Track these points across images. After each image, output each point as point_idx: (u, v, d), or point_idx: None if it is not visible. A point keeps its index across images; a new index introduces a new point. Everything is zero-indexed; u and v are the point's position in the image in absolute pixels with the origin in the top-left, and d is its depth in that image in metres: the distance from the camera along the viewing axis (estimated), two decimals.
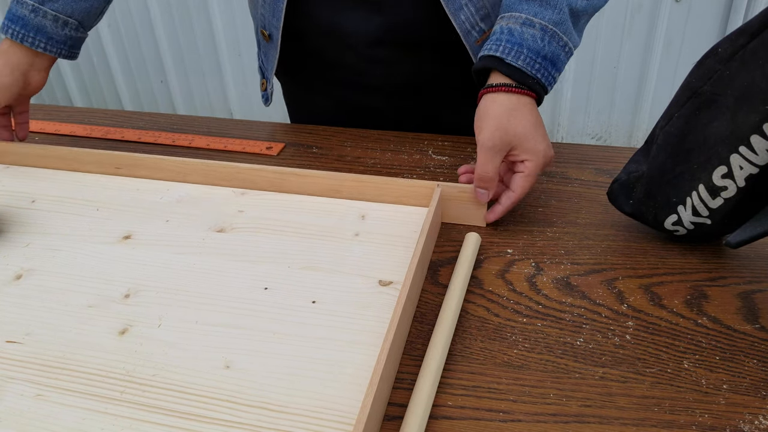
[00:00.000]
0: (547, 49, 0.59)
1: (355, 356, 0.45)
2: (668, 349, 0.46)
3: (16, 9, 0.71)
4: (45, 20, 0.71)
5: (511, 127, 0.57)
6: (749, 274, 0.53)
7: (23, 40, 0.71)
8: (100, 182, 0.68)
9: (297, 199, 0.64)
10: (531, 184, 0.59)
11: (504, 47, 0.58)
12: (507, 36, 0.59)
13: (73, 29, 0.74)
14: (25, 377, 0.44)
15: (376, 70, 0.79)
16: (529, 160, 0.58)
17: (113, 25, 2.26)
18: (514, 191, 0.59)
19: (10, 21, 0.71)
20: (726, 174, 0.49)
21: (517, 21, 0.59)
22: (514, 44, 0.58)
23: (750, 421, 0.40)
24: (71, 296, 0.51)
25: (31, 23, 0.71)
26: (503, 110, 0.58)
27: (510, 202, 0.59)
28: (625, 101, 2.04)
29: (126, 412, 0.41)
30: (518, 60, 0.58)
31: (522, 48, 0.58)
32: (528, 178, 0.58)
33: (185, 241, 0.58)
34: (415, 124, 0.85)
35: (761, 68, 0.46)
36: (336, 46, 0.78)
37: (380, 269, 0.53)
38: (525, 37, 0.58)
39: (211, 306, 0.50)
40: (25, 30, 0.71)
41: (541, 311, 0.50)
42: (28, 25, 0.71)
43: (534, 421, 0.41)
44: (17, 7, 0.71)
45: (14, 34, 0.70)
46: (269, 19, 0.77)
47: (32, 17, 0.71)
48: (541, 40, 0.58)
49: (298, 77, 0.88)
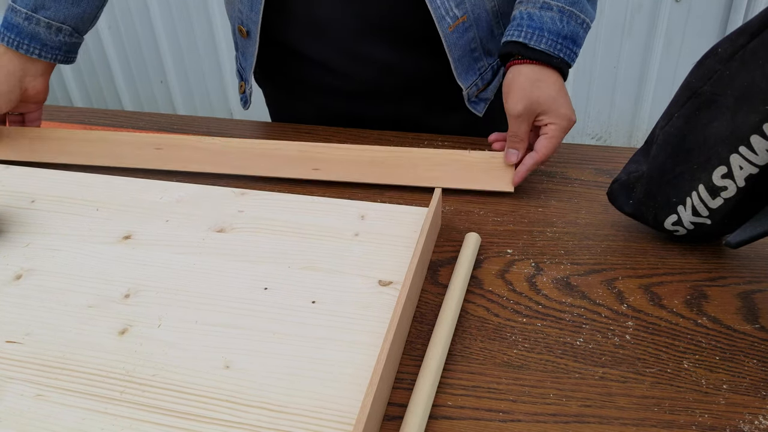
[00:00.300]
0: (567, 29, 0.62)
1: (355, 356, 0.45)
2: (668, 349, 0.46)
3: (10, 17, 0.73)
4: (38, 27, 0.73)
5: (534, 95, 0.62)
6: (749, 274, 0.53)
7: (18, 47, 0.73)
8: (100, 182, 0.68)
9: (297, 199, 0.64)
10: (554, 146, 0.63)
11: (526, 32, 0.62)
12: (527, 21, 0.63)
13: (67, 35, 0.75)
14: (25, 377, 0.44)
15: (356, 67, 0.78)
16: (553, 123, 0.62)
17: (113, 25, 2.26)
18: (537, 152, 0.63)
19: (5, 29, 0.73)
20: (726, 174, 0.49)
21: (535, 5, 0.63)
22: (535, 29, 0.62)
23: (750, 421, 0.40)
24: (71, 296, 0.51)
25: (26, 31, 0.73)
26: (528, 81, 0.62)
27: (532, 161, 0.63)
28: (625, 101, 2.04)
29: (126, 412, 0.41)
30: (540, 43, 0.62)
31: (543, 31, 0.62)
32: (551, 140, 0.62)
33: (185, 241, 0.58)
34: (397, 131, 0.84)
35: (761, 68, 0.46)
36: (315, 41, 0.77)
37: (380, 269, 0.53)
38: (544, 20, 0.62)
39: (211, 306, 0.50)
40: (20, 37, 0.73)
41: (541, 311, 0.50)
42: (22, 32, 0.73)
43: (534, 421, 0.41)
44: (12, 15, 0.73)
45: (9, 42, 0.73)
46: (247, 14, 0.76)
47: (26, 25, 0.72)
48: (560, 21, 0.62)
49: (279, 80, 0.87)
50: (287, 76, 0.85)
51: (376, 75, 0.79)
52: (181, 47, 2.20)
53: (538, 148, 0.63)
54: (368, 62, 0.77)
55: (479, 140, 0.76)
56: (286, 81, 0.86)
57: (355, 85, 0.80)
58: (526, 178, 0.65)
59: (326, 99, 0.84)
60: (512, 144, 0.64)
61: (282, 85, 0.88)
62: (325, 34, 0.76)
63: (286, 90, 0.88)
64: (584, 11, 0.64)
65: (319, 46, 0.77)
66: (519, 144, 0.64)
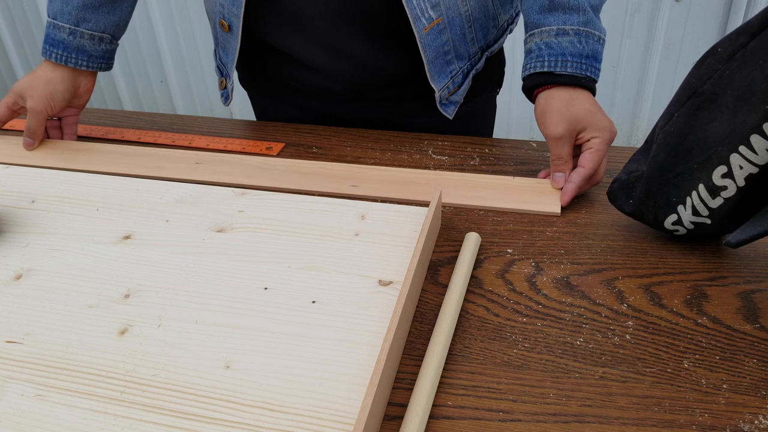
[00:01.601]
0: (587, 49, 0.63)
1: (355, 356, 0.45)
2: (668, 349, 0.46)
3: (54, 34, 0.76)
4: (83, 40, 0.76)
5: (572, 113, 0.62)
6: (749, 274, 0.53)
7: (67, 62, 0.76)
8: (100, 182, 0.68)
9: (297, 199, 0.64)
10: (600, 158, 0.62)
11: (548, 61, 0.63)
12: (547, 50, 0.63)
13: (107, 43, 0.79)
14: (25, 377, 0.44)
15: (337, 65, 0.78)
16: (596, 136, 0.62)
17: None
18: (583, 167, 0.62)
19: (51, 46, 0.76)
20: (726, 174, 0.49)
21: (550, 34, 0.63)
22: (557, 56, 0.63)
23: (750, 420, 0.40)
24: (71, 296, 0.51)
25: (72, 45, 0.76)
26: (562, 102, 0.62)
27: (579, 177, 0.62)
28: (625, 101, 2.04)
29: (126, 412, 0.41)
30: (567, 68, 0.62)
31: (566, 56, 0.63)
32: (596, 153, 0.61)
33: (185, 241, 0.58)
34: None
35: (761, 68, 0.46)
36: (296, 35, 0.77)
37: (380, 269, 0.53)
38: (564, 46, 0.63)
39: (211, 306, 0.50)
40: (67, 52, 0.76)
41: (541, 311, 0.50)
42: (69, 47, 0.76)
43: (534, 421, 0.41)
44: (55, 32, 0.76)
45: (58, 58, 0.76)
46: (228, 8, 0.76)
47: (71, 39, 0.76)
48: (579, 43, 0.63)
49: (261, 82, 0.88)
50: (270, 78, 0.86)
51: (357, 73, 0.79)
52: (181, 47, 2.20)
53: (583, 162, 0.62)
54: (349, 59, 0.77)
55: (479, 140, 0.76)
56: (269, 83, 0.87)
57: (337, 85, 0.80)
58: None
59: (308, 100, 0.85)
60: (557, 167, 0.63)
61: (264, 87, 0.89)
62: (306, 27, 0.76)
63: (269, 92, 0.89)
64: (597, 28, 0.65)
65: (301, 41, 0.77)
66: (564, 165, 0.63)
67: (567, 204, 0.62)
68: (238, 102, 2.28)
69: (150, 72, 2.29)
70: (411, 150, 0.75)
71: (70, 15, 0.75)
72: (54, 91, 0.76)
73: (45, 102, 0.75)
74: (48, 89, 0.75)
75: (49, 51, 0.76)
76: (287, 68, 0.82)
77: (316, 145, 0.77)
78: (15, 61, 2.51)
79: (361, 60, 0.78)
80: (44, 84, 0.75)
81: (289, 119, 0.88)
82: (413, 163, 0.72)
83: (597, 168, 0.62)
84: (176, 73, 2.26)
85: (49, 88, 0.75)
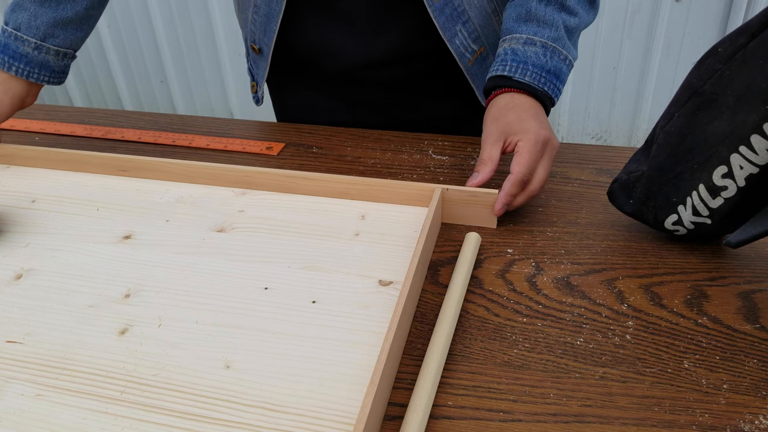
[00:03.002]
0: (550, 64, 0.62)
1: (355, 356, 0.45)
2: (668, 349, 0.46)
3: (16, 46, 0.72)
4: (48, 56, 0.74)
5: (503, 117, 0.61)
6: (749, 274, 0.53)
7: (29, 76, 0.73)
8: (100, 182, 0.68)
9: (297, 199, 0.64)
10: (526, 162, 0.57)
11: (510, 66, 0.62)
12: (512, 56, 0.63)
13: (69, 58, 0.77)
14: (25, 377, 0.44)
15: (364, 88, 0.82)
16: (520, 139, 0.59)
17: (113, 25, 2.26)
18: (511, 171, 0.58)
19: (11, 58, 0.72)
20: (726, 174, 0.49)
21: (518, 41, 0.63)
22: (519, 62, 0.62)
23: (750, 421, 0.40)
24: (71, 296, 0.51)
25: (35, 60, 0.73)
26: (499, 108, 0.62)
27: (509, 184, 0.57)
28: (625, 101, 2.04)
29: (126, 412, 0.41)
30: (525, 76, 0.62)
31: (527, 65, 0.62)
32: (521, 156, 0.58)
33: (185, 241, 0.58)
34: None
35: (761, 68, 0.46)
36: (328, 63, 0.80)
37: (380, 269, 0.53)
38: (528, 55, 0.62)
39: (211, 306, 0.50)
40: (30, 66, 0.73)
41: (541, 311, 0.50)
42: (32, 61, 0.73)
43: (534, 421, 0.41)
44: (17, 44, 0.72)
45: (19, 71, 0.72)
46: (260, 36, 0.79)
47: (36, 54, 0.73)
48: (543, 56, 0.62)
49: (288, 85, 0.89)
50: (297, 82, 0.88)
51: (386, 89, 0.82)
52: (181, 47, 2.20)
53: (512, 167, 0.58)
54: (378, 84, 0.81)
55: (480, 140, 0.76)
56: (296, 86, 0.89)
57: (365, 94, 0.84)
58: None
59: (335, 84, 0.86)
60: (476, 167, 0.60)
61: (290, 87, 0.91)
62: (337, 60, 0.79)
63: (295, 88, 0.90)
64: (566, 48, 0.64)
65: (333, 68, 0.81)
66: (481, 166, 0.59)
67: (499, 213, 0.58)
68: (238, 102, 2.28)
69: (150, 72, 2.29)
70: (411, 150, 0.75)
71: (38, 30, 0.72)
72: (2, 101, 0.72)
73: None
74: None
75: (8, 63, 0.72)
76: (317, 78, 0.84)
77: (316, 145, 0.77)
78: None
79: (395, 89, 0.82)
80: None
81: (308, 105, 0.89)
82: (413, 163, 0.72)
83: (527, 173, 0.57)
84: (176, 73, 2.26)
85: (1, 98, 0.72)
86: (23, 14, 0.71)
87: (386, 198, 0.63)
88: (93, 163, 0.70)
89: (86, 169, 0.70)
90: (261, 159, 0.75)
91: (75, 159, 0.70)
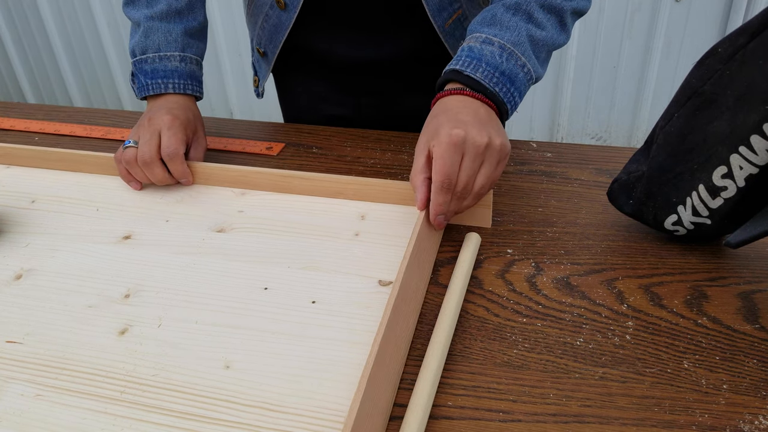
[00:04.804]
0: (505, 66, 0.59)
1: (354, 356, 0.45)
2: (668, 349, 0.46)
3: (164, 66, 0.70)
4: (192, 66, 0.73)
5: (431, 124, 0.56)
6: (749, 274, 0.53)
7: (185, 89, 0.71)
8: (100, 182, 0.68)
9: (297, 199, 0.64)
10: (441, 167, 0.52)
11: (464, 62, 0.60)
12: (467, 52, 0.61)
13: (201, 68, 0.76)
14: (25, 377, 0.44)
15: (371, 83, 0.84)
16: (434, 145, 0.54)
17: (113, 24, 2.26)
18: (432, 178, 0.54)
19: (164, 78, 0.70)
20: (726, 174, 0.49)
21: (477, 40, 0.61)
22: (473, 59, 0.60)
23: (750, 421, 0.40)
24: (71, 296, 0.51)
25: (185, 72, 0.72)
26: (434, 113, 0.58)
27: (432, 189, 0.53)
28: (625, 101, 2.04)
29: (126, 412, 0.41)
30: (476, 72, 0.59)
31: (480, 62, 0.59)
32: (436, 162, 0.53)
33: (185, 241, 0.58)
34: None
35: (761, 68, 0.46)
36: (332, 67, 0.83)
37: (380, 269, 0.53)
38: (484, 53, 0.60)
39: (211, 306, 0.50)
40: (183, 79, 0.71)
41: (541, 311, 0.50)
42: (183, 74, 0.71)
43: (534, 421, 0.41)
44: (165, 63, 0.70)
45: (174, 86, 0.70)
46: (266, 42, 0.81)
47: (183, 66, 0.72)
48: (500, 56, 0.60)
49: (291, 74, 0.91)
50: (302, 79, 0.90)
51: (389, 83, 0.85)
52: None
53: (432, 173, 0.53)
54: (382, 78, 0.84)
55: None
56: (301, 82, 0.91)
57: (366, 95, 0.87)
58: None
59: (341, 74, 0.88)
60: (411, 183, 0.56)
61: (294, 83, 0.92)
62: (342, 62, 0.82)
63: (298, 85, 0.92)
64: (526, 55, 0.60)
65: (336, 71, 0.84)
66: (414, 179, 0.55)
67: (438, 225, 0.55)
68: (238, 102, 2.28)
69: None
70: (411, 150, 0.75)
71: (177, 43, 0.71)
72: (189, 120, 0.69)
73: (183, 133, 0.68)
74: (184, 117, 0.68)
75: (163, 84, 0.70)
76: (320, 81, 0.87)
77: (316, 145, 0.77)
78: (15, 61, 2.51)
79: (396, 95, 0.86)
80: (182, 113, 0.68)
81: (312, 94, 0.90)
82: None
83: (445, 180, 0.52)
84: None
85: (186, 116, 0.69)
86: (157, 35, 0.71)
87: (386, 198, 0.63)
88: (93, 163, 0.70)
89: (86, 169, 0.70)
90: (261, 159, 0.75)
91: (75, 159, 0.70)
